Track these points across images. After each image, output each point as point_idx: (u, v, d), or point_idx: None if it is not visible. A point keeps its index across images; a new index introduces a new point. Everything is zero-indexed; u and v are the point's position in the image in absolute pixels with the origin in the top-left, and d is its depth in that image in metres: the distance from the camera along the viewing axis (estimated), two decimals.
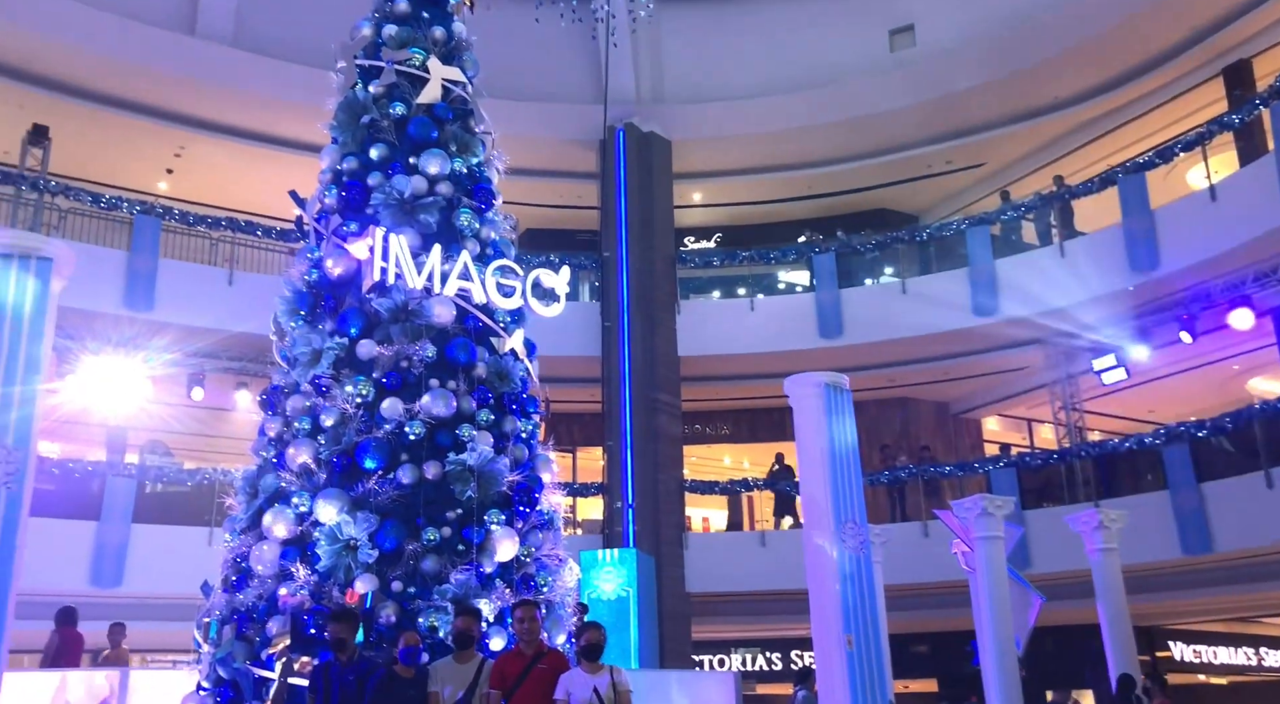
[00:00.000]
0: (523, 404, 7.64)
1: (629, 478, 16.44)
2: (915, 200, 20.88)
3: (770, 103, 18.45)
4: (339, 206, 7.68)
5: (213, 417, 17.17)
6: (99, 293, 13.85)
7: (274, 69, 16.51)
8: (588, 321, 17.37)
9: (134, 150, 17.66)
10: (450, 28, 8.38)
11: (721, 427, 20.68)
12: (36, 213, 15.15)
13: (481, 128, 8.44)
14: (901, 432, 19.68)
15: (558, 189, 19.37)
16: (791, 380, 8.69)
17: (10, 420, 5.31)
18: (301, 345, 7.26)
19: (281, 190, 8.60)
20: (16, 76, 15.74)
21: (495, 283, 7.61)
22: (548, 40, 18.01)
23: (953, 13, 18.00)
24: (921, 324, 16.71)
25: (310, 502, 6.63)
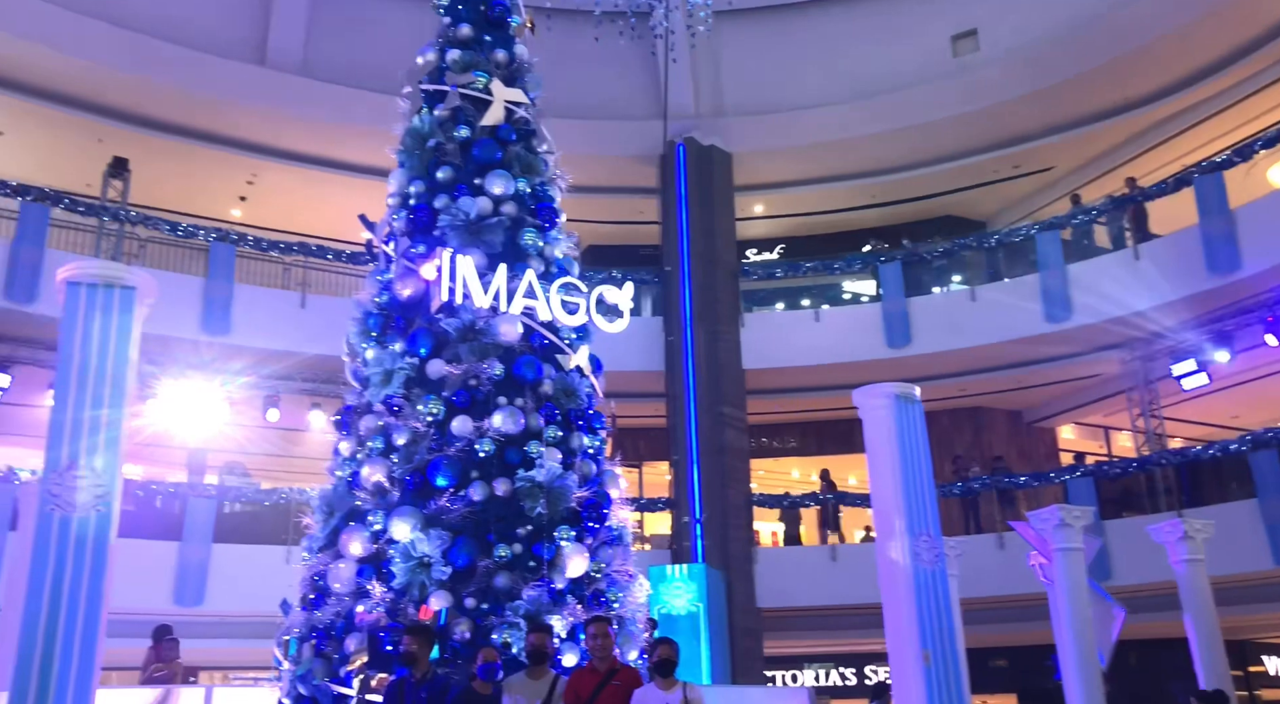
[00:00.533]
0: (589, 420, 7.68)
1: (696, 493, 16.38)
2: (982, 206, 20.55)
3: (832, 112, 18.35)
4: (407, 229, 7.82)
5: (288, 437, 17.53)
6: (178, 319, 14.24)
7: (341, 96, 16.88)
8: (651, 336, 17.39)
9: (209, 179, 18.19)
10: (512, 50, 8.49)
11: (788, 439, 20.52)
12: (118, 242, 15.66)
13: (544, 147, 8.53)
14: (973, 442, 19.33)
15: (619, 205, 19.47)
16: (860, 392, 8.59)
17: (98, 445, 5.49)
18: (373, 366, 7.39)
19: (351, 214, 8.79)
20: (98, 111, 16.32)
21: (560, 300, 7.67)
22: (607, 58, 18.14)
23: (1016, 16, 17.74)
24: (992, 332, 16.41)
25: (385, 520, 6.74)
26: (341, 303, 14.41)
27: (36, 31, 14.98)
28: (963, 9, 18.33)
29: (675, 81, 18.30)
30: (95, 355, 5.51)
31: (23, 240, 13.89)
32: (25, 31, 14.88)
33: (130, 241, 15.96)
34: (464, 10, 8.41)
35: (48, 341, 13.88)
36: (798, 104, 18.67)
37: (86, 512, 5.40)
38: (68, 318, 5.68)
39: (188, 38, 16.43)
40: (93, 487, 5.38)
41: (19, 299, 13.66)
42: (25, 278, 13.65)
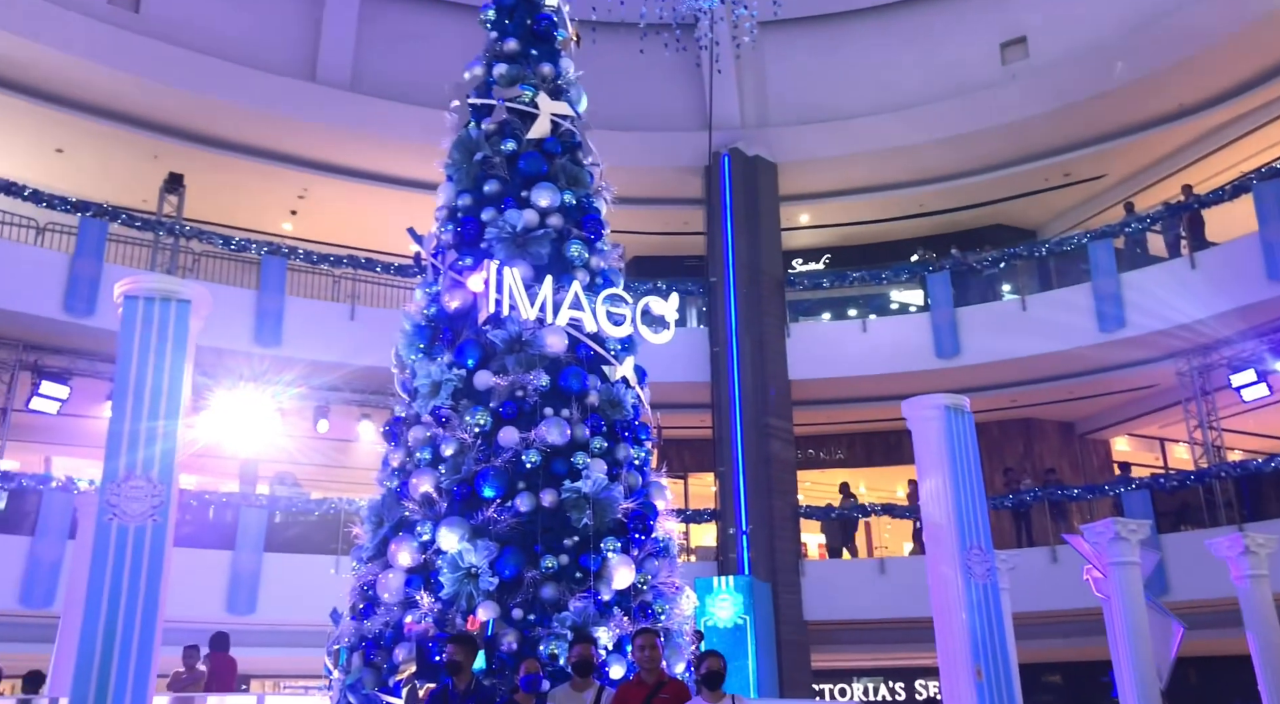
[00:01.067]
0: (635, 431, 7.67)
1: (742, 504, 16.30)
2: (1033, 215, 20.29)
3: (878, 121, 18.23)
4: (455, 242, 7.89)
5: (337, 448, 17.74)
6: (231, 331, 14.49)
7: (390, 111, 17.11)
8: (696, 347, 17.36)
9: (261, 193, 18.51)
10: (558, 64, 8.54)
11: (836, 451, 20.37)
12: (173, 256, 15.98)
13: (590, 160, 8.57)
14: (1025, 453, 19.05)
15: (664, 216, 19.49)
16: (910, 403, 8.50)
17: (155, 455, 5.60)
18: (421, 377, 7.46)
19: (399, 227, 8.88)
20: (154, 128, 16.69)
21: (605, 311, 7.69)
22: (652, 70, 18.19)
23: (1066, 23, 17.51)
24: (1043, 342, 16.17)
25: (432, 530, 6.78)
26: (390, 315, 14.62)
27: (94, 51, 15.36)
28: (1011, 16, 18.15)
29: (720, 92, 18.31)
30: (152, 368, 5.62)
31: (82, 255, 14.22)
32: (84, 51, 15.27)
33: (185, 255, 16.28)
34: (510, 25, 8.48)
35: (105, 354, 14.22)
36: (844, 113, 18.58)
37: (143, 521, 5.50)
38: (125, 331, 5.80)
39: (241, 55, 16.77)
40: (149, 497, 5.48)
41: (78, 313, 13.98)
42: (84, 292, 13.97)
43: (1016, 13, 18.13)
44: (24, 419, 15.40)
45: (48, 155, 17.00)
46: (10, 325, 14.21)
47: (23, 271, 13.86)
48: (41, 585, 12.70)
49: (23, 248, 14.48)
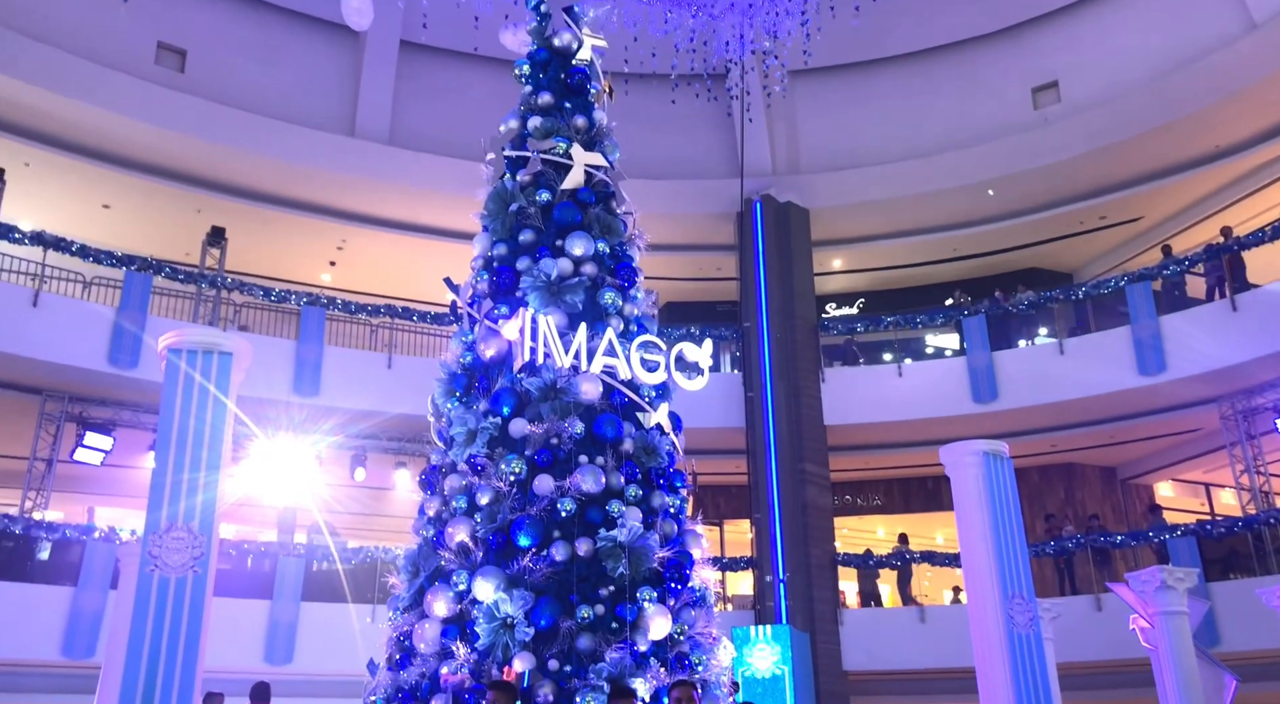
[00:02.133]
0: (670, 478, 7.65)
1: (779, 552, 16.14)
2: (1068, 258, 20.17)
3: (910, 166, 18.29)
4: (490, 291, 7.97)
5: (374, 496, 17.82)
6: (271, 381, 14.68)
7: (427, 163, 17.42)
8: (730, 392, 17.33)
9: (300, 245, 18.84)
10: (591, 116, 8.66)
11: (873, 497, 20.17)
12: (215, 308, 16.27)
13: (623, 208, 8.65)
14: (1066, 499, 18.75)
15: (696, 262, 19.59)
16: (947, 449, 8.42)
17: (196, 506, 5.67)
18: (458, 425, 7.50)
19: (435, 276, 9.00)
20: (197, 183, 17.10)
21: (640, 358, 7.71)
22: (684, 119, 18.40)
23: (1097, 67, 17.54)
24: (1082, 386, 15.98)
25: (468, 580, 6.77)
26: (426, 363, 14.75)
27: (142, 110, 15.81)
28: (1042, 61, 18.21)
29: (751, 139, 18.47)
30: (194, 419, 5.72)
31: (126, 308, 14.53)
32: (132, 110, 15.72)
33: (226, 307, 16.56)
34: (544, 79, 8.64)
35: (148, 405, 14.45)
36: (876, 159, 18.66)
37: (184, 572, 5.56)
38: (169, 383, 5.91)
39: (283, 111, 17.19)
40: (190, 548, 5.54)
41: (122, 365, 14.23)
42: (128, 344, 14.24)
43: (1047, 57, 18.19)
44: (68, 470, 15.64)
45: (95, 211, 17.44)
46: (57, 378, 14.49)
47: (70, 325, 14.17)
48: (83, 636, 12.80)
49: (70, 302, 14.80)
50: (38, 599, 13.02)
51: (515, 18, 13.10)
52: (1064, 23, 18.00)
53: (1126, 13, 17.30)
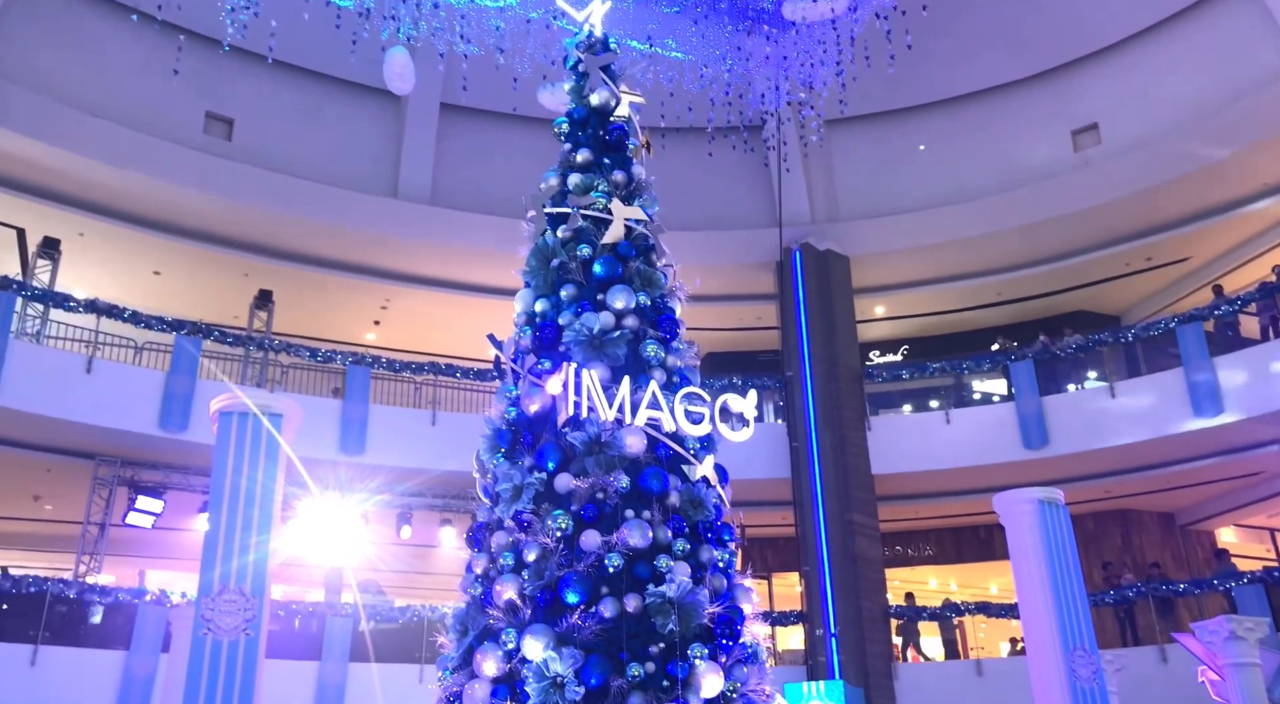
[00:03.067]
0: (718, 532, 7.54)
1: (829, 605, 15.85)
2: (1115, 300, 19.89)
3: (951, 212, 18.22)
4: (533, 346, 7.99)
5: (420, 554, 17.81)
6: (317, 441, 14.80)
7: (468, 221, 17.65)
8: (775, 442, 17.19)
9: (345, 305, 19.11)
10: (630, 171, 8.72)
11: (924, 547, 19.80)
12: (262, 369, 16.51)
13: (663, 261, 8.66)
14: (1123, 546, 18.27)
15: (737, 312, 19.58)
16: (1001, 498, 8.26)
17: (248, 568, 5.69)
18: (503, 481, 7.47)
19: (478, 333, 9.04)
20: (245, 248, 17.46)
21: (684, 410, 7.65)
22: (721, 170, 18.54)
23: (1138, 108, 17.43)
24: (1136, 430, 15.67)
25: (517, 638, 6.70)
26: (470, 419, 14.80)
27: (191, 178, 16.24)
28: (1080, 104, 18.14)
29: (789, 189, 18.54)
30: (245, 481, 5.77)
31: (176, 371, 14.78)
32: (182, 179, 16.15)
33: (274, 368, 16.79)
34: (583, 136, 8.72)
35: (198, 467, 14.62)
36: (915, 205, 18.63)
37: (236, 635, 5.56)
38: (220, 446, 5.97)
39: (327, 175, 17.56)
40: (242, 611, 5.55)
41: (172, 428, 14.44)
42: (178, 407, 14.46)
43: (1086, 100, 18.13)
44: (119, 533, 15.82)
45: (146, 277, 17.85)
46: (110, 442, 14.73)
47: (122, 390, 14.44)
48: (136, 700, 12.83)
49: (122, 367, 15.10)
50: (91, 664, 13.11)
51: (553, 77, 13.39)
52: (1102, 65, 17.95)
53: (1165, 53, 17.23)
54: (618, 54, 9.03)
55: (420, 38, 14.25)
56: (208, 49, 15.53)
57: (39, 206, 15.98)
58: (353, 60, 14.35)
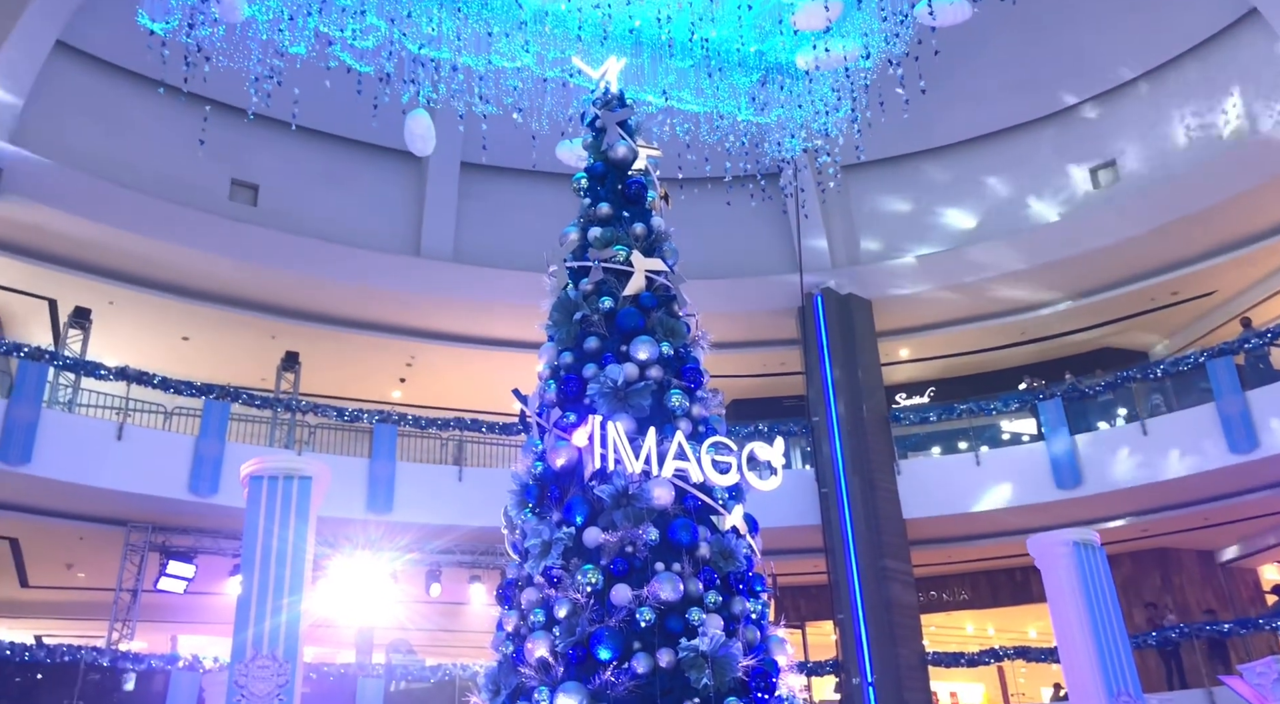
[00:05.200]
0: (749, 583, 7.46)
1: (865, 653, 15.59)
2: (1143, 336, 19.73)
3: (971, 252, 18.20)
4: (558, 399, 8.00)
5: (449, 611, 17.70)
6: (346, 500, 14.81)
7: (490, 277, 17.79)
8: (803, 489, 17.05)
9: (371, 364, 19.25)
10: (649, 223, 8.79)
11: (960, 592, 19.49)
12: (290, 431, 16.61)
13: (685, 310, 8.69)
14: (1164, 586, 17.91)
15: (761, 358, 19.56)
16: (1035, 540, 8.15)
17: (280, 631, 5.68)
18: (532, 537, 7.45)
19: (502, 387, 9.08)
20: (272, 311, 17.68)
21: (711, 460, 7.62)
22: (740, 218, 18.64)
23: (1156, 143, 17.41)
24: (1170, 467, 15.43)
25: (550, 696, 6.63)
26: (496, 474, 14.81)
27: (218, 245, 16.49)
28: (1098, 142, 18.15)
29: (808, 234, 18.60)
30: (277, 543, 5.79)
31: (206, 435, 14.90)
32: (209, 245, 16.41)
33: (301, 429, 16.89)
34: (602, 190, 8.81)
35: (228, 531, 14.65)
36: (935, 246, 18.64)
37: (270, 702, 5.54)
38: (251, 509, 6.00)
39: (351, 236, 17.79)
40: (275, 676, 5.53)
41: (202, 492, 14.52)
42: (207, 472, 14.56)
43: (1103, 138, 18.13)
44: (151, 599, 15.84)
45: (175, 343, 18.07)
46: (141, 508, 14.82)
47: (152, 456, 14.55)
48: None
49: (152, 432, 15.23)
50: None
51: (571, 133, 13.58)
52: (1118, 102, 17.99)
53: (1182, 88, 17.24)
54: (634, 109, 9.17)
55: (440, 100, 14.52)
56: (232, 117, 15.89)
57: (70, 277, 16.27)
58: (374, 124, 14.62)
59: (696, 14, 14.45)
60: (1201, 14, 16.64)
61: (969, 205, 18.94)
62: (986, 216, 18.68)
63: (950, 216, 18.98)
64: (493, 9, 14.29)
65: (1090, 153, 18.23)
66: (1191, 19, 16.76)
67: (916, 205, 19.32)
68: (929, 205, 19.24)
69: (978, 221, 18.70)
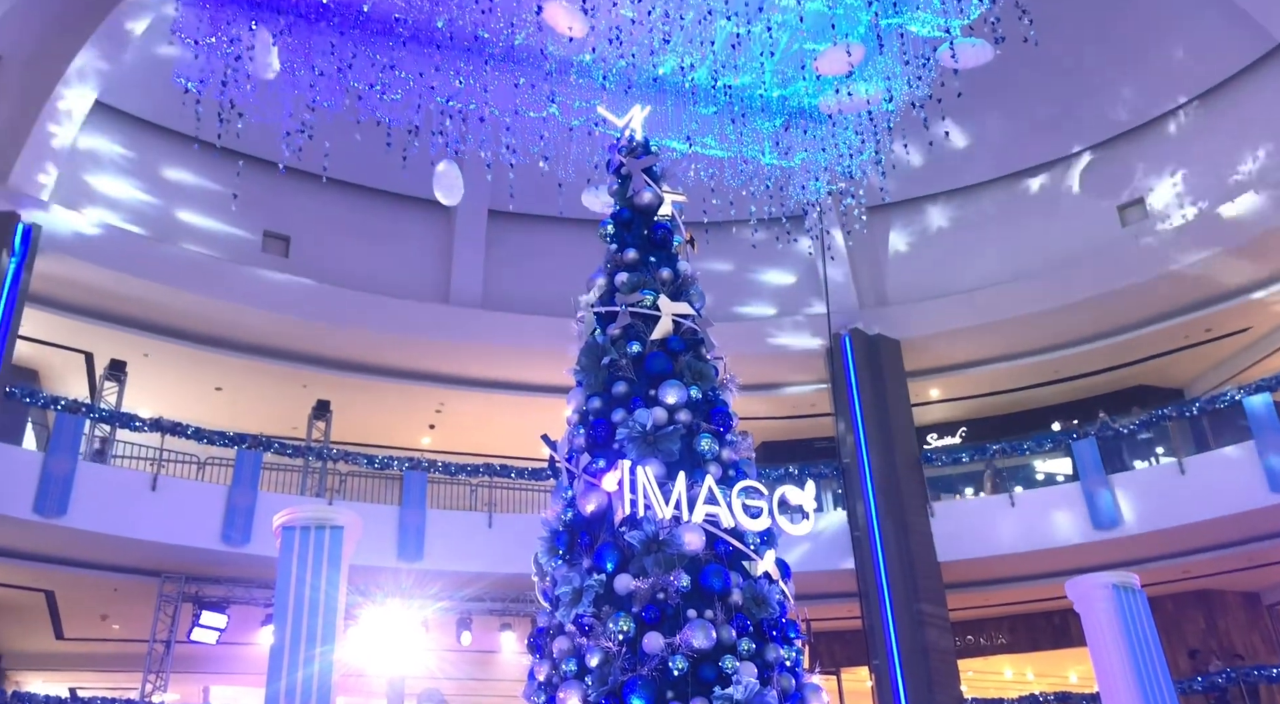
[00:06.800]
0: (783, 629, 7.37)
1: (902, 699, 15.30)
2: (1177, 373, 19.47)
3: (1000, 292, 18.10)
4: (587, 444, 7.99)
5: (480, 660, 17.58)
6: (375, 548, 14.79)
7: (518, 323, 17.91)
8: (836, 533, 16.88)
9: (400, 411, 19.35)
10: (675, 267, 8.84)
11: (997, 636, 19.12)
12: (321, 479, 16.68)
13: (713, 354, 8.70)
14: (1207, 629, 17.49)
15: (790, 400, 19.48)
16: (1074, 583, 8.01)
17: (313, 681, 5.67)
18: (563, 585, 7.41)
19: (531, 432, 9.09)
20: (303, 360, 17.85)
21: (741, 504, 7.58)
22: (766, 259, 18.70)
23: (1185, 180, 17.34)
24: (1209, 507, 15.15)
25: None
26: (526, 520, 14.77)
27: (250, 296, 16.73)
28: (1127, 179, 18.09)
29: (835, 275, 18.59)
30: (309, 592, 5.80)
31: (238, 485, 15.00)
32: (242, 297, 16.64)
33: (332, 477, 16.96)
34: (629, 236, 8.88)
35: (260, 580, 14.67)
36: (963, 285, 18.57)
37: None
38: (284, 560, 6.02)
39: (381, 285, 18.01)
40: None
41: (235, 542, 14.58)
42: (241, 521, 14.63)
43: (1129, 177, 18.09)
44: (183, 650, 15.84)
45: (208, 393, 18.27)
46: (174, 559, 14.89)
47: (185, 506, 14.66)
48: None
49: (185, 483, 15.36)
50: None
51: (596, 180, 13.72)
52: (1145, 140, 17.96)
53: (1208, 125, 17.21)
54: (659, 156, 9.25)
55: (467, 150, 14.73)
56: (264, 171, 16.20)
57: (106, 330, 16.53)
58: (403, 174, 14.84)
59: (719, 62, 14.61)
60: (1226, 51, 16.64)
61: (996, 244, 18.89)
62: (1013, 255, 18.61)
63: (977, 255, 18.93)
64: (519, 61, 14.53)
65: (1117, 190, 18.17)
66: (1216, 56, 16.77)
67: (943, 245, 19.29)
68: (956, 244, 19.20)
69: (1006, 260, 18.63)
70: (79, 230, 15.45)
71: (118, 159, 16.64)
